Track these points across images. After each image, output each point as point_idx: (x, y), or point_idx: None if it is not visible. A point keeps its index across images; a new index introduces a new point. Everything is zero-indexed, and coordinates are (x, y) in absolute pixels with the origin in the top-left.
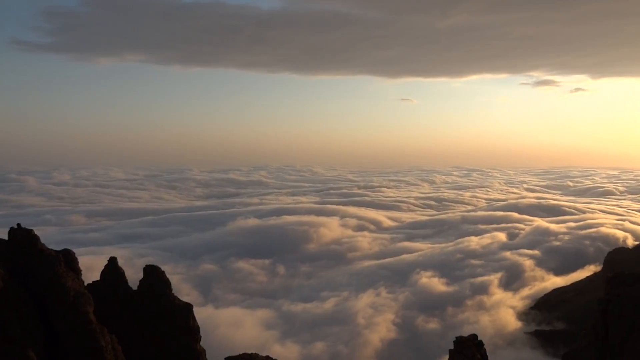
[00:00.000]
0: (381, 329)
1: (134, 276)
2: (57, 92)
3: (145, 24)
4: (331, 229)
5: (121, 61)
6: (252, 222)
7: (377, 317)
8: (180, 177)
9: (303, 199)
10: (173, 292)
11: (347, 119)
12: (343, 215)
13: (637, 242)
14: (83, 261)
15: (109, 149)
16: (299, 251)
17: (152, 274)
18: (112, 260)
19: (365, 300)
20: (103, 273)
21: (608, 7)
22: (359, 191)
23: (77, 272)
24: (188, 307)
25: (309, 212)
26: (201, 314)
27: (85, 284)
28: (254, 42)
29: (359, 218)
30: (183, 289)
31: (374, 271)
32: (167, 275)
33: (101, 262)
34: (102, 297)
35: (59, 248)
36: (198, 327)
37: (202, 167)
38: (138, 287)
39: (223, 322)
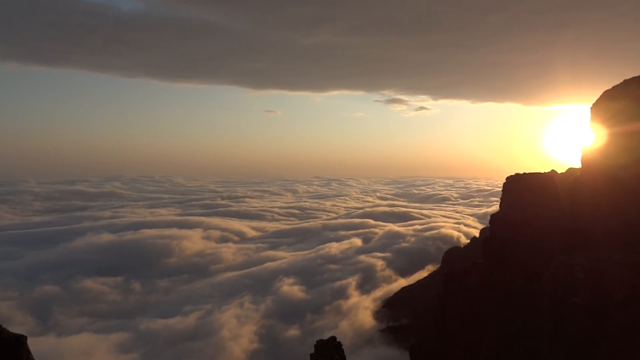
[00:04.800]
0: (243, 340)
1: None
2: None
3: None
4: (193, 241)
5: None
6: (104, 237)
7: (241, 327)
8: (12, 189)
9: (163, 211)
10: (0, 323)
11: (210, 129)
12: (206, 227)
13: (467, 241)
14: None
15: None
16: (157, 266)
17: None
18: None
19: (228, 311)
20: None
21: (446, 38)
22: (223, 202)
23: None
24: (20, 340)
25: (170, 225)
26: (41, 345)
27: None
28: (112, 43)
29: (223, 229)
30: (15, 318)
31: (237, 281)
32: None
33: None
34: None
35: None
36: None
37: (41, 178)
38: None
39: (69, 351)
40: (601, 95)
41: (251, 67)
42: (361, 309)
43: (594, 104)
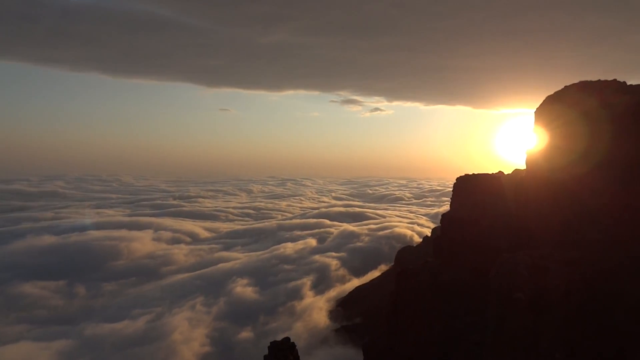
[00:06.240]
0: (195, 343)
1: None
2: None
3: None
4: (143, 243)
5: None
6: (46, 239)
7: (192, 330)
8: None
9: (110, 211)
10: None
11: (161, 126)
12: (157, 228)
13: (420, 241)
14: None
15: None
16: (103, 269)
17: None
18: None
19: (179, 314)
20: None
21: (401, 42)
22: (175, 202)
23: None
24: None
25: (118, 226)
26: None
27: None
28: (57, 35)
29: (175, 230)
30: None
31: (189, 283)
32: None
33: None
34: None
35: None
36: None
37: None
38: None
39: None
40: (544, 100)
41: (205, 64)
42: (315, 309)
43: (537, 108)
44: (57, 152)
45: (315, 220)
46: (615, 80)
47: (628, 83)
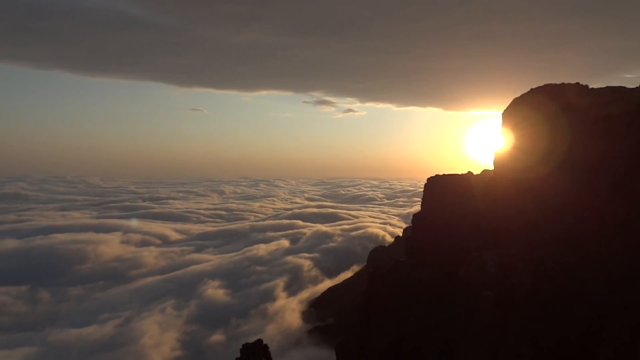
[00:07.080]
0: (165, 347)
1: None
2: None
3: None
4: (111, 246)
5: None
6: (7, 243)
7: (163, 334)
8: None
9: (76, 214)
10: None
11: (130, 126)
12: (126, 231)
13: (392, 240)
14: None
15: None
16: (69, 273)
17: None
18: None
19: (149, 318)
20: None
21: (373, 44)
22: (144, 203)
23: None
24: None
25: (85, 228)
26: None
27: None
28: (19, 31)
29: (144, 232)
30: None
31: (159, 286)
32: None
33: None
34: None
35: None
36: None
37: None
38: None
39: None
40: (511, 103)
41: (176, 63)
42: (288, 311)
43: (504, 110)
44: (20, 152)
45: (288, 221)
46: (578, 83)
47: (590, 86)
